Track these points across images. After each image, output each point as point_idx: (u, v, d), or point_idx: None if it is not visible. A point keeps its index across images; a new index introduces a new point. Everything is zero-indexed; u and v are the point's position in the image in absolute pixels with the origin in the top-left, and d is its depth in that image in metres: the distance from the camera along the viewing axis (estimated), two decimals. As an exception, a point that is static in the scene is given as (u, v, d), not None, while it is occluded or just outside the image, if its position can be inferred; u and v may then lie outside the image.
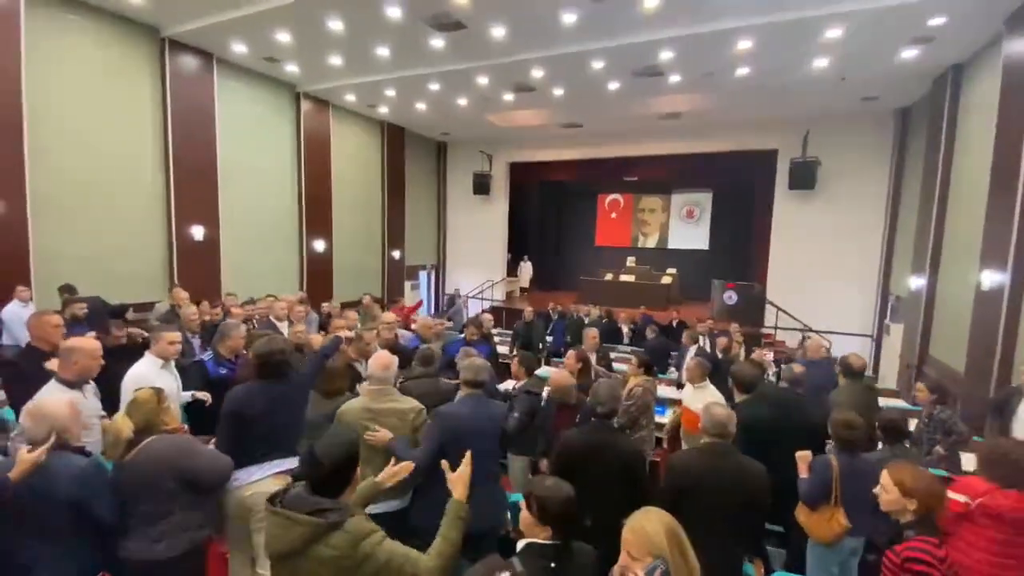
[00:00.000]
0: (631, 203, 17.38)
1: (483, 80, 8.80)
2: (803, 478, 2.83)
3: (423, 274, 14.83)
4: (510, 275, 15.67)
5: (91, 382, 2.88)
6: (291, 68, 8.88)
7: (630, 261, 15.28)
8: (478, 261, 14.81)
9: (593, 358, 4.94)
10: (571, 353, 4.43)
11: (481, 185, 13.98)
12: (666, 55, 7.37)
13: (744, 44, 6.87)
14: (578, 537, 1.72)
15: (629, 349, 7.68)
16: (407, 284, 13.78)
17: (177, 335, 3.27)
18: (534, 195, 16.69)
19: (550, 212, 17.59)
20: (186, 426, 2.84)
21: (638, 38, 6.95)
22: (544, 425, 3.52)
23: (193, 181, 8.19)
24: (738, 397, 3.60)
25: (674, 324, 9.65)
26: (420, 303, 7.57)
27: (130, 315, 6.05)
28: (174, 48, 7.74)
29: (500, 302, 14.09)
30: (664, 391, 5.98)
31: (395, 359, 2.98)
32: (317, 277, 10.77)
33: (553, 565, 1.58)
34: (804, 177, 10.46)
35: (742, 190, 14.46)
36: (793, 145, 10.64)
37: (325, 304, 7.86)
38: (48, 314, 3.67)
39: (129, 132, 7.45)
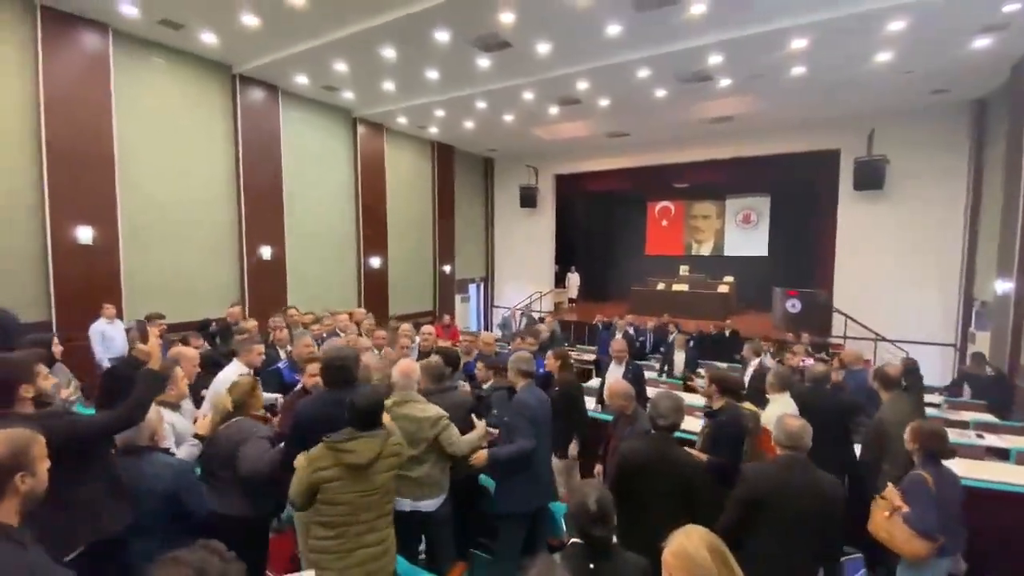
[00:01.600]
0: (683, 210, 16.97)
1: (529, 96, 8.95)
2: (907, 511, 2.63)
3: (472, 287, 15.09)
4: (558, 286, 15.66)
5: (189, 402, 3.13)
6: (347, 95, 9.39)
7: (683, 270, 14.91)
8: (526, 273, 14.92)
9: (620, 370, 4.95)
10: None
11: (528, 198, 14.12)
12: (715, 59, 7.22)
13: (799, 43, 6.63)
14: (625, 544, 1.73)
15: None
16: (457, 297, 14.08)
17: (262, 347, 3.80)
18: (581, 205, 16.65)
19: (598, 222, 17.46)
20: (269, 414, 3.21)
21: (685, 44, 6.86)
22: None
23: (261, 205, 8.80)
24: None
25: (726, 334, 9.32)
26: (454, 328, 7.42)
27: (213, 328, 6.53)
28: (244, 83, 8.39)
29: (549, 313, 14.07)
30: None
31: (417, 366, 3.06)
32: (374, 292, 11.21)
33: (592, 567, 1.62)
34: (871, 177, 9.86)
35: (802, 193, 13.81)
36: (857, 144, 10.07)
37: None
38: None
39: (205, 162, 8.11)
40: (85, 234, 6.62)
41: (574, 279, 16.16)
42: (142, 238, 7.27)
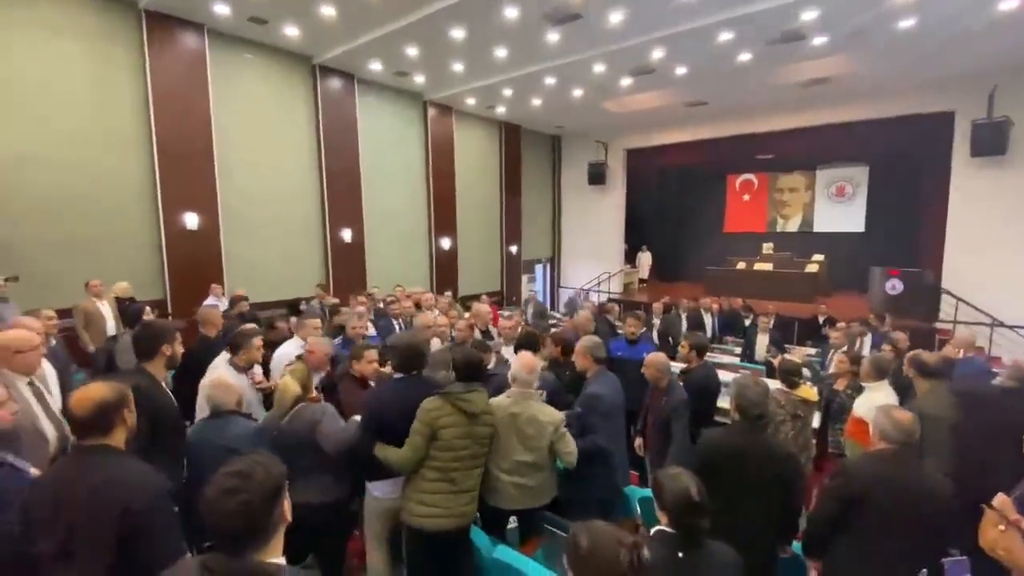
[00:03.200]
0: (767, 183, 15.80)
1: (600, 68, 8.62)
2: None
3: (539, 268, 15.06)
4: (628, 266, 15.25)
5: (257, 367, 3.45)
6: (419, 79, 9.54)
7: (767, 248, 13.95)
8: (594, 253, 14.61)
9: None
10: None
11: (596, 175, 13.75)
12: (809, 15, 6.55)
13: (912, -11, 5.84)
14: (705, 534, 1.67)
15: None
16: (524, 278, 14.12)
17: (317, 321, 3.98)
18: (653, 181, 15.97)
19: (671, 198, 16.71)
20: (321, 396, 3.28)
21: (774, 2, 6.27)
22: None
23: (341, 190, 9.25)
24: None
25: (820, 320, 8.63)
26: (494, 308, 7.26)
27: (302, 307, 7.02)
28: (323, 73, 8.77)
29: (617, 294, 13.79)
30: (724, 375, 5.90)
31: (540, 362, 3.00)
32: (445, 273, 11.52)
33: (681, 555, 1.59)
34: (992, 141, 8.61)
35: (907, 161, 12.38)
36: (974, 105, 8.81)
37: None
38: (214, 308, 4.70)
39: (291, 151, 8.62)
40: (192, 221, 7.30)
41: (645, 259, 15.66)
42: (239, 224, 7.90)
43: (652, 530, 1.69)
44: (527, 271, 14.36)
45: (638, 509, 3.11)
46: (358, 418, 2.62)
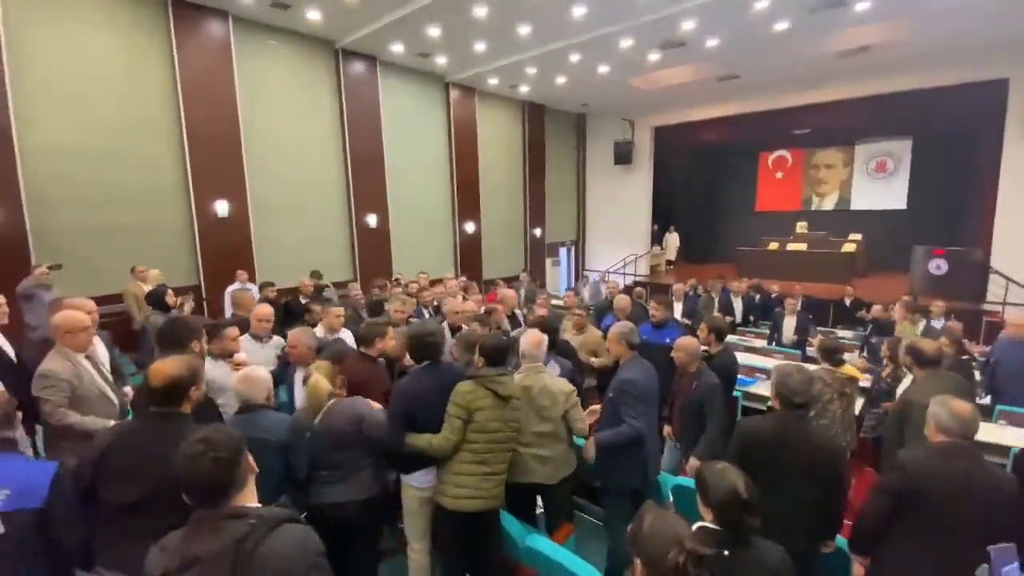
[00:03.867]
0: (802, 159, 15.18)
1: (627, 42, 8.33)
2: None
3: (563, 250, 14.90)
4: (656, 248, 14.95)
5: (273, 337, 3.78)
6: (441, 60, 9.40)
7: (801, 227, 13.46)
8: (620, 234, 14.34)
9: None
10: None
11: (623, 154, 13.42)
12: (853, -21, 6.16)
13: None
14: (753, 532, 1.60)
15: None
16: (548, 261, 14.00)
17: (341, 310, 4.05)
18: (682, 159, 15.49)
19: (701, 177, 16.19)
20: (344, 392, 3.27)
21: (816, -36, 5.92)
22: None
23: (366, 174, 9.27)
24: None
25: (847, 303, 8.32)
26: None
27: (327, 293, 7.13)
28: (346, 56, 8.72)
29: (644, 277, 13.56)
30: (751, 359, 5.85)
31: (545, 337, 2.99)
32: (469, 257, 11.50)
33: (727, 554, 1.52)
34: (1054, 108, 8.03)
35: (954, 134, 11.69)
36: (1034, 70, 8.20)
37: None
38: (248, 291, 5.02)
39: (316, 136, 8.65)
40: (222, 208, 7.43)
41: (673, 240, 15.33)
42: (267, 210, 8.00)
43: (694, 526, 1.64)
44: (551, 254, 14.23)
45: (671, 497, 3.07)
46: (373, 404, 2.60)
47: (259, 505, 1.35)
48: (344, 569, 2.46)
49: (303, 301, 5.93)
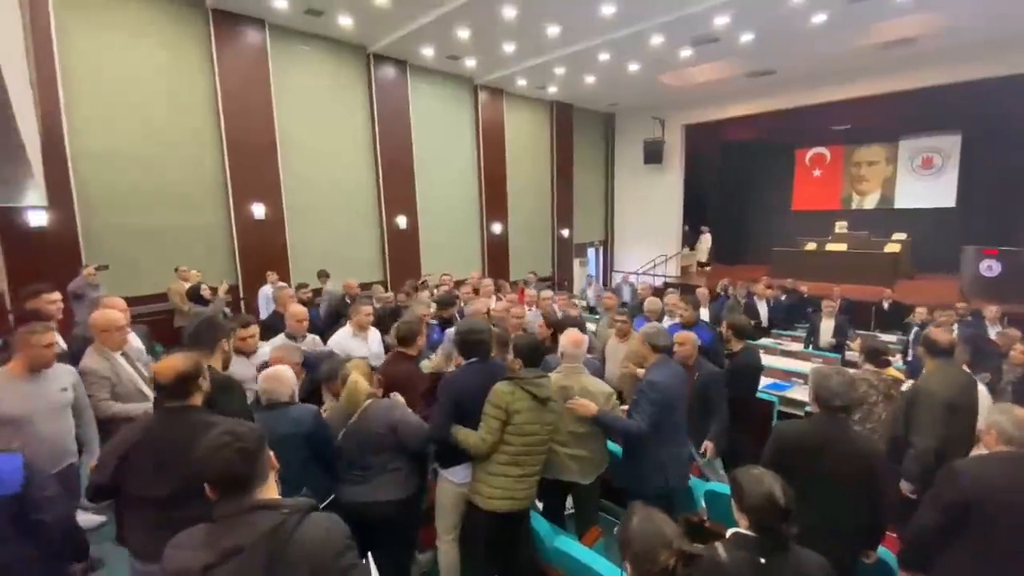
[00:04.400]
0: (841, 156, 14.62)
1: (657, 39, 8.20)
2: None
3: (591, 251, 14.77)
4: (688, 248, 14.64)
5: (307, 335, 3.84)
6: (469, 63, 9.47)
7: (840, 227, 12.96)
8: (649, 235, 14.11)
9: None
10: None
11: (653, 153, 13.20)
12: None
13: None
14: (790, 539, 1.54)
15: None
16: (576, 262, 13.89)
17: (370, 308, 4.09)
18: (714, 158, 15.19)
19: (734, 175, 15.82)
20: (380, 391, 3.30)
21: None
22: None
23: (396, 177, 9.41)
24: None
25: (885, 306, 7.95)
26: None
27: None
28: (377, 61, 8.88)
29: (674, 278, 13.30)
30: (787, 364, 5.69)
31: (586, 338, 2.95)
32: (496, 258, 11.53)
33: (763, 561, 1.47)
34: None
35: (1008, 128, 11.06)
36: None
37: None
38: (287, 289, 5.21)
39: (348, 140, 8.83)
40: (259, 211, 7.66)
41: (705, 240, 15.00)
42: (301, 213, 8.21)
43: (728, 532, 1.58)
44: (579, 255, 14.12)
45: (703, 503, 2.98)
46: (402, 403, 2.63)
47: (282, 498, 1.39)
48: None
49: (347, 301, 6.04)
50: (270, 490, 1.35)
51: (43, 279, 3.72)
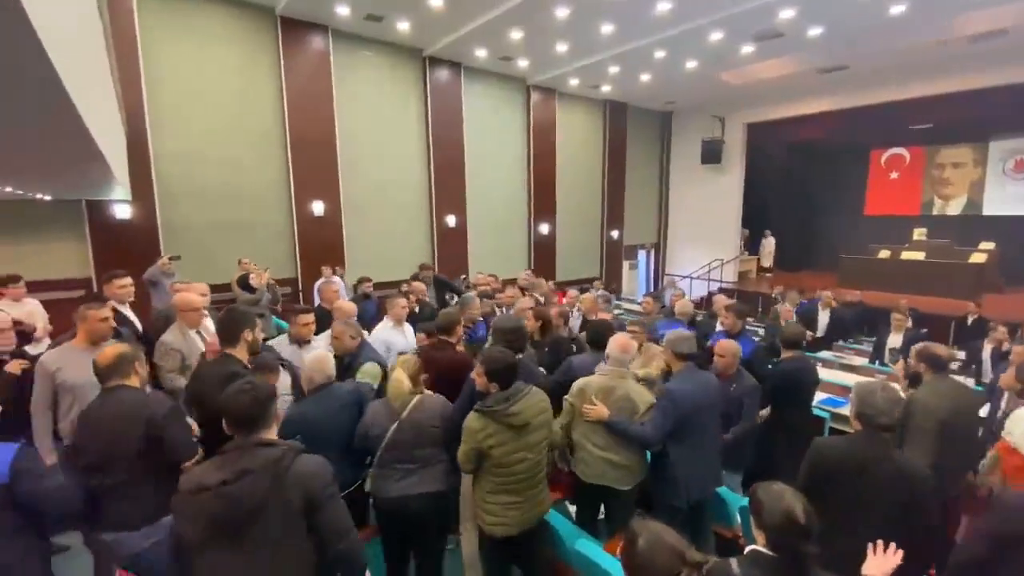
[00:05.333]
0: (922, 158, 13.50)
1: (717, 35, 7.91)
2: None
3: (641, 253, 14.43)
4: (750, 253, 14.00)
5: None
6: (522, 63, 9.52)
7: (918, 234, 11.95)
8: (704, 238, 13.62)
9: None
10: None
11: (711, 152, 12.73)
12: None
13: None
14: (809, 561, 1.45)
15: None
16: (625, 264, 13.62)
17: (404, 301, 4.20)
18: (778, 159, 14.42)
19: (799, 177, 14.96)
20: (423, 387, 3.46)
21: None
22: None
23: (448, 176, 9.63)
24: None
25: (968, 321, 7.22)
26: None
27: (403, 287, 7.46)
28: (433, 64, 9.12)
29: (731, 283, 12.77)
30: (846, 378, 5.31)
31: (634, 343, 2.90)
32: (542, 259, 11.52)
33: None
34: None
35: None
36: None
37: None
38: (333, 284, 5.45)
39: (402, 140, 9.12)
40: (318, 208, 8.08)
41: (768, 245, 14.28)
42: (356, 210, 8.57)
43: (746, 549, 1.53)
44: (629, 257, 13.85)
45: (739, 518, 2.87)
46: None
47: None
48: (408, 558, 2.62)
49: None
50: (272, 432, 1.68)
51: (125, 268, 4.11)
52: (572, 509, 3.19)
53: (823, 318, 7.08)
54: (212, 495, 1.46)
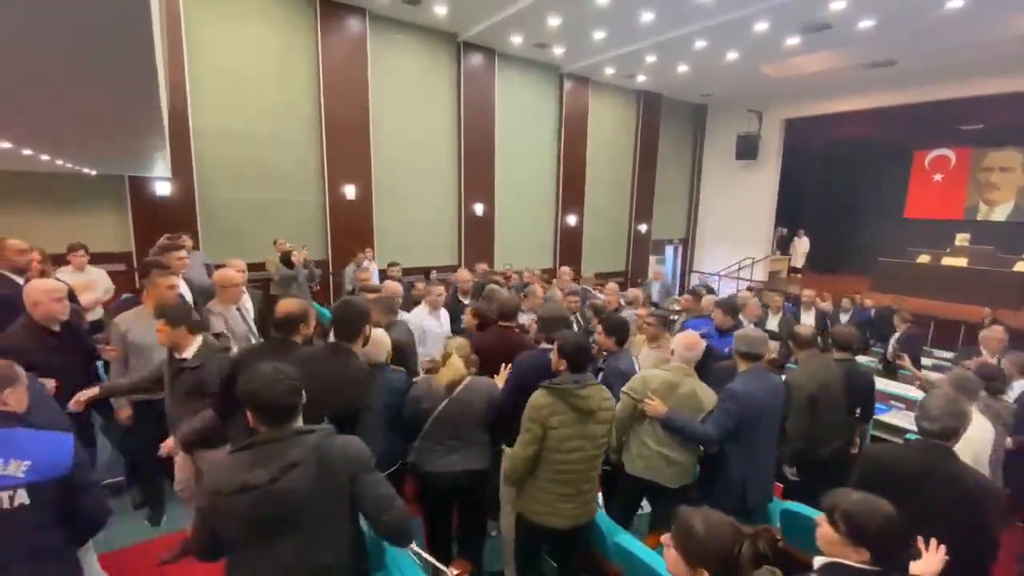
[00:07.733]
0: (968, 160, 12.95)
1: (762, 26, 7.65)
2: None
3: (669, 249, 14.20)
4: (782, 252, 13.67)
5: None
6: (557, 51, 9.37)
7: (961, 239, 11.47)
8: (735, 235, 13.32)
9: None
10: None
11: (747, 148, 12.41)
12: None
13: None
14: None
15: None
16: (652, 259, 13.42)
17: (441, 288, 4.22)
18: (816, 156, 14.00)
19: (837, 176, 14.53)
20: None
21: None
22: None
23: (477, 164, 9.58)
24: None
25: (985, 324, 6.86)
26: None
27: (432, 275, 7.51)
28: (467, 49, 9.04)
29: (761, 283, 12.49)
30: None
31: (702, 341, 2.84)
32: (568, 251, 11.43)
33: None
34: None
35: None
36: None
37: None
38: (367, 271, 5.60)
39: (434, 125, 9.10)
40: (350, 191, 8.13)
41: (801, 245, 13.90)
42: (387, 196, 8.60)
43: (818, 562, 1.45)
44: (656, 252, 13.64)
45: (778, 523, 2.80)
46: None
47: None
48: (450, 532, 2.73)
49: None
50: (299, 421, 1.62)
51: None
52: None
53: (806, 319, 6.77)
54: (261, 494, 1.40)
